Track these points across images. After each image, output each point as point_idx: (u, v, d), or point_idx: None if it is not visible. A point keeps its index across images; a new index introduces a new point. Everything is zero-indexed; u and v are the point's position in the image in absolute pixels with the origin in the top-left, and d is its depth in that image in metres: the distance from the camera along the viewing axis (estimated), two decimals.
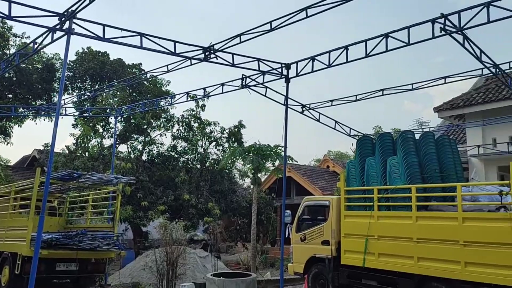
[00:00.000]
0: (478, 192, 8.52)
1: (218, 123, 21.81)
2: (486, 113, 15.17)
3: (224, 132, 21.82)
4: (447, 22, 7.42)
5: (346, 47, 9.17)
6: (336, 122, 13.51)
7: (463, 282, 7.80)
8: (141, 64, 25.01)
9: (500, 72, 9.23)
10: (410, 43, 8.11)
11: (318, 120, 12.98)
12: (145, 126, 20.94)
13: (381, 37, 8.55)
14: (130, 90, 21.75)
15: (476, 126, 15.37)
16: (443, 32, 7.46)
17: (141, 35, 8.92)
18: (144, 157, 21.31)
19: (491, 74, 10.15)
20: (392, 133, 16.25)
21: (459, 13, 7.46)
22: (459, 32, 7.64)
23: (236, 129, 21.63)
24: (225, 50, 9.64)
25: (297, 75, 10.29)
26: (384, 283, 9.21)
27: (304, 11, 8.17)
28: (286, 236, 12.03)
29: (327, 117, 13.21)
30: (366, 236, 9.44)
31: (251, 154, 15.80)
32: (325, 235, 10.43)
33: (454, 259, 7.94)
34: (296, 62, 10.36)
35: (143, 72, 21.75)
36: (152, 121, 21.07)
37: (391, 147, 9.99)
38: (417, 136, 10.12)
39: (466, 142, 16.07)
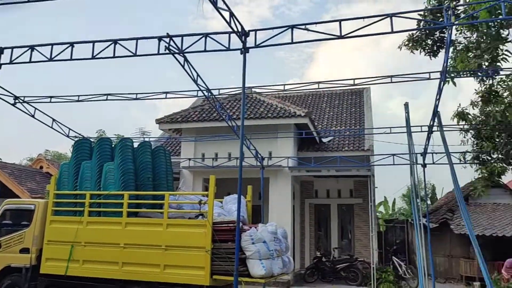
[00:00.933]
0: (183, 200, 9.41)
1: None
2: (199, 130, 17.00)
3: None
4: (172, 43, 8.03)
5: (72, 44, 8.69)
6: (54, 120, 12.58)
7: (160, 283, 8.40)
8: None
9: (211, 96, 10.53)
10: (137, 55, 8.36)
11: (33, 116, 11.80)
12: None
13: (110, 42, 8.52)
14: None
15: (189, 141, 17.01)
16: (167, 51, 8.02)
17: None
18: None
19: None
20: (114, 139, 16.26)
21: (182, 37, 8.18)
22: (181, 54, 8.37)
23: None
24: None
25: (11, 62, 9.09)
26: None
27: None
28: None
29: (44, 113, 12.16)
30: (72, 242, 9.06)
31: None
32: (26, 242, 9.50)
33: (156, 263, 8.48)
34: (12, 48, 9.15)
35: None
36: None
37: (109, 153, 9.98)
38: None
39: (181, 155, 17.57)
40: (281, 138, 16.28)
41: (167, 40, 8.02)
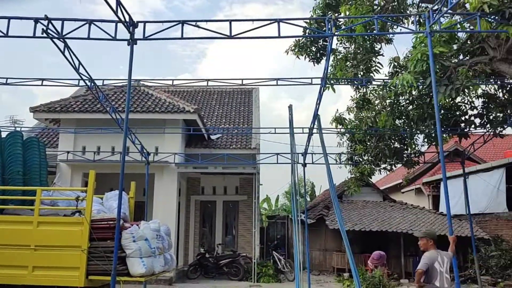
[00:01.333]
0: (58, 196, 8.75)
1: None
2: (80, 122, 15.95)
3: None
4: (50, 26, 7.41)
5: None
6: None
7: (28, 287, 7.72)
8: None
9: (94, 87, 9.95)
10: (9, 35, 7.56)
11: None
12: None
13: None
14: None
15: (69, 133, 15.88)
16: (44, 34, 7.38)
17: None
18: None
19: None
20: None
21: (63, 21, 7.56)
22: (61, 40, 7.76)
23: None
24: None
25: None
26: None
27: None
28: None
29: None
30: None
31: None
32: None
33: (23, 264, 7.76)
34: None
35: None
36: None
37: None
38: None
39: (58, 147, 16.32)
40: (169, 133, 16.01)
41: (45, 22, 7.38)
